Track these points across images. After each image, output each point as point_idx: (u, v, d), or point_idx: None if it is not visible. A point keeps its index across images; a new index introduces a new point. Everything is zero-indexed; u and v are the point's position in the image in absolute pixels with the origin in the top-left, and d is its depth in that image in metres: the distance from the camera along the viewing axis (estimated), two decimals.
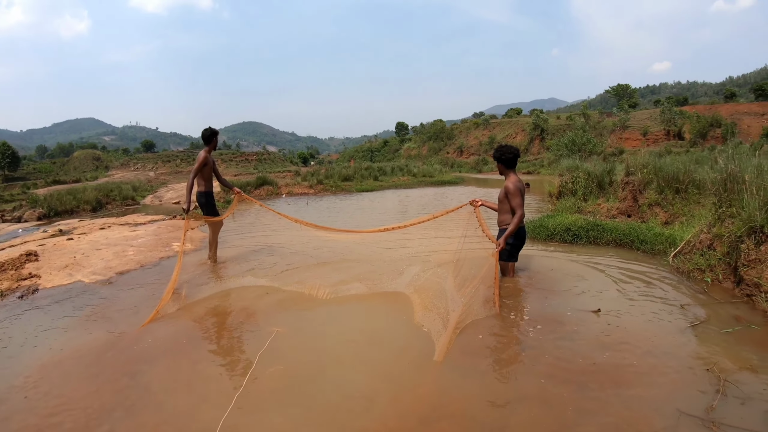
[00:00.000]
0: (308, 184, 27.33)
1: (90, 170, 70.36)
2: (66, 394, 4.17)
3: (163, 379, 4.44)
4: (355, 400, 3.96)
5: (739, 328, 4.88)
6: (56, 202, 20.17)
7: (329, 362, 4.69)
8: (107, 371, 4.56)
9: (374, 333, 5.45)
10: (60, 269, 8.48)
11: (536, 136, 72.82)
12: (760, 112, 62.70)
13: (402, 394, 4.02)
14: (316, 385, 4.21)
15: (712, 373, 3.98)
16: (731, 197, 6.61)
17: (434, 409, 3.78)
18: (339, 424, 3.65)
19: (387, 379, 4.30)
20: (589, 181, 13.73)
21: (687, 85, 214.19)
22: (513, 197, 6.47)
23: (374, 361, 4.72)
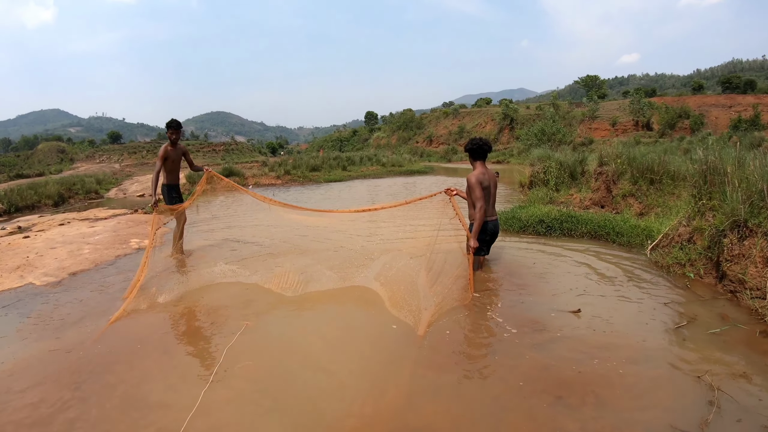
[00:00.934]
0: (275, 174, 26.85)
1: (54, 163, 68.85)
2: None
3: (126, 378, 4.26)
4: (324, 390, 3.96)
5: (726, 328, 4.61)
6: (17, 198, 19.34)
7: (297, 355, 4.64)
8: (49, 382, 4.22)
9: (344, 328, 5.32)
10: (11, 271, 8.02)
11: (506, 125, 72.92)
12: (728, 104, 63.52)
13: (367, 400, 3.81)
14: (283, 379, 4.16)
15: (703, 381, 3.67)
16: (711, 190, 6.36)
17: (400, 418, 3.52)
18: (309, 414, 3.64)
19: (356, 376, 4.19)
20: (561, 170, 13.54)
21: (655, 77, 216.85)
22: (471, 191, 6.35)
23: (343, 358, 4.56)
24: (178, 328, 5.54)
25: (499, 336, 4.76)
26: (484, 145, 6.68)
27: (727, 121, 57.05)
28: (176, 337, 5.27)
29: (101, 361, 4.59)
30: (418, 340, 4.76)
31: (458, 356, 4.44)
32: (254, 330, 5.20)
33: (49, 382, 4.23)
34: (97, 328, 5.39)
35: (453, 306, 5.59)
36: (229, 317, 5.58)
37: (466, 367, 4.23)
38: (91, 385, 4.12)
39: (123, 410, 3.77)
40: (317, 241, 9.16)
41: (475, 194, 6.27)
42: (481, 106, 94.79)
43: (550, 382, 3.80)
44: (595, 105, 69.08)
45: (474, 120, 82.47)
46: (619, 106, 69.36)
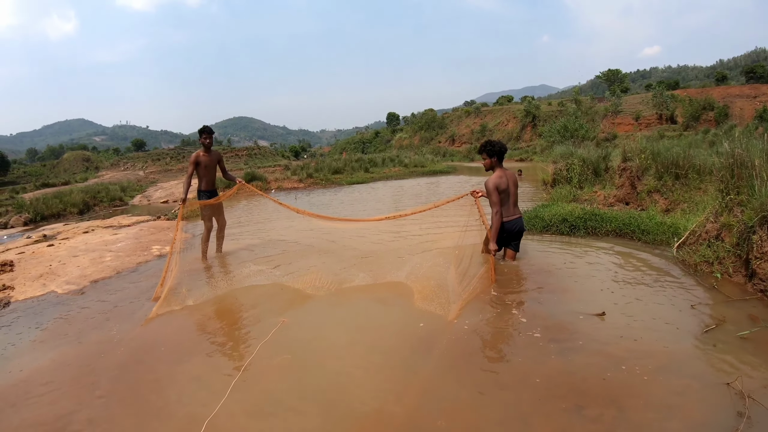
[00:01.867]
0: (298, 178, 26.94)
1: (80, 171, 69.71)
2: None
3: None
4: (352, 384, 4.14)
5: (757, 330, 4.43)
6: (42, 207, 19.69)
7: (331, 351, 4.80)
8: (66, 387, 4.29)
9: (376, 323, 5.56)
10: (35, 279, 8.14)
11: (528, 123, 72.41)
12: (752, 94, 62.42)
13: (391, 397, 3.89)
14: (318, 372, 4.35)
15: (733, 388, 3.52)
16: (739, 184, 6.17)
17: (416, 416, 3.54)
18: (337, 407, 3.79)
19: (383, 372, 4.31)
20: (585, 167, 13.40)
21: (678, 69, 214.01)
22: (489, 196, 6.70)
23: (372, 354, 4.71)
24: (213, 325, 5.74)
25: (522, 338, 4.68)
26: (502, 149, 6.92)
27: (752, 112, 56.01)
28: (211, 334, 5.43)
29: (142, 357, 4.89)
30: (449, 326, 5.08)
31: (480, 357, 4.41)
32: (290, 327, 5.36)
33: (79, 383, 4.34)
34: (121, 332, 5.50)
35: (476, 293, 5.90)
36: (265, 315, 5.77)
37: (486, 368, 4.18)
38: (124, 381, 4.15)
39: (160, 393, 4.15)
40: (345, 244, 9.23)
41: (492, 199, 6.62)
42: (502, 104, 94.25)
43: (572, 388, 3.69)
44: (618, 99, 68.38)
45: (496, 118, 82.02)
46: (642, 99, 68.55)
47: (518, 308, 5.48)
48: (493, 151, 6.88)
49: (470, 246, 7.22)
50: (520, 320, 5.12)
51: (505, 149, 6.96)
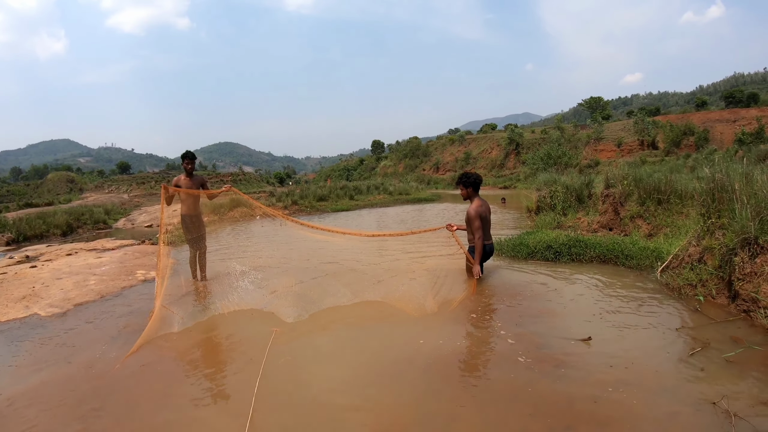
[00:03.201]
0: (283, 204, 26.90)
1: (64, 192, 69.21)
2: None
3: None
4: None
5: (741, 351, 4.46)
6: (25, 227, 19.43)
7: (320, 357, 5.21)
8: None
9: (358, 333, 5.96)
10: (17, 301, 8.02)
11: (512, 150, 72.95)
12: (732, 118, 63.32)
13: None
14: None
15: (719, 408, 3.54)
16: (720, 207, 6.28)
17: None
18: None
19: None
20: (568, 194, 13.50)
21: (658, 95, 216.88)
22: (471, 222, 7.41)
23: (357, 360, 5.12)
24: (211, 344, 6.00)
25: (508, 363, 4.67)
26: (477, 179, 7.77)
27: (732, 136, 56.74)
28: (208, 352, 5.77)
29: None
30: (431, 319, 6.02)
31: (466, 380, 4.42)
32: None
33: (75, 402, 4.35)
34: (106, 355, 5.46)
35: (457, 299, 6.75)
36: (257, 331, 6.03)
37: (473, 392, 4.16)
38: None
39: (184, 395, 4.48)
40: (329, 263, 9.52)
41: (475, 225, 7.32)
42: (486, 132, 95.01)
43: (559, 414, 3.67)
44: (600, 126, 69.14)
45: (480, 146, 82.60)
46: (624, 126, 69.34)
47: (505, 331, 5.47)
48: (468, 182, 7.66)
49: (450, 270, 7.93)
50: (507, 342, 5.13)
51: (480, 180, 7.79)
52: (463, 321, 6.06)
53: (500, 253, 9.33)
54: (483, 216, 7.38)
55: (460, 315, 6.26)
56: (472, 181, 7.68)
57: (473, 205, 7.48)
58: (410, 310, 6.40)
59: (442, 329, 5.75)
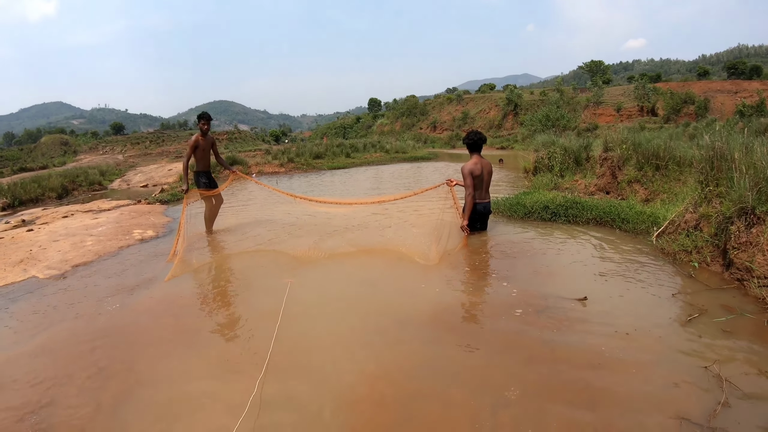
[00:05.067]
0: (279, 162, 26.83)
1: (58, 155, 68.93)
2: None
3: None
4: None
5: (733, 317, 4.50)
6: (20, 191, 19.43)
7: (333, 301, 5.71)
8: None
9: (367, 277, 6.49)
10: (15, 264, 8.05)
11: (510, 111, 72.58)
12: (733, 90, 63.00)
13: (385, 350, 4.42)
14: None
15: (710, 372, 3.58)
16: (718, 176, 6.26)
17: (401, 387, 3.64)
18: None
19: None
20: (566, 156, 13.48)
21: (660, 62, 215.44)
22: (464, 179, 7.79)
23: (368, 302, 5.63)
24: (228, 285, 6.58)
25: (505, 319, 4.75)
26: (479, 139, 8.04)
27: (733, 107, 56.48)
28: (230, 294, 6.28)
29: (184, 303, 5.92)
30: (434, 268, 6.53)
31: (466, 335, 4.51)
32: (297, 285, 6.09)
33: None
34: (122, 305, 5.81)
35: (453, 249, 7.33)
36: (275, 277, 6.56)
37: (471, 344, 4.28)
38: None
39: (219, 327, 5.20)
40: (332, 221, 9.88)
41: (466, 182, 7.73)
42: (485, 92, 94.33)
43: (556, 377, 3.70)
44: (600, 90, 68.71)
45: (478, 106, 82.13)
46: (624, 91, 68.96)
47: (503, 286, 5.60)
48: (465, 141, 8.20)
49: (446, 224, 8.09)
50: (505, 297, 5.22)
51: (478, 139, 8.06)
52: (459, 276, 6.27)
53: (497, 213, 9.39)
54: (475, 174, 7.74)
55: (456, 270, 6.52)
56: (470, 140, 8.06)
57: (468, 163, 7.87)
58: (416, 257, 7.02)
59: (441, 280, 6.11)
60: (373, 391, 3.69)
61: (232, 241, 8.86)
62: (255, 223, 10.16)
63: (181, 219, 8.28)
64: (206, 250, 8.50)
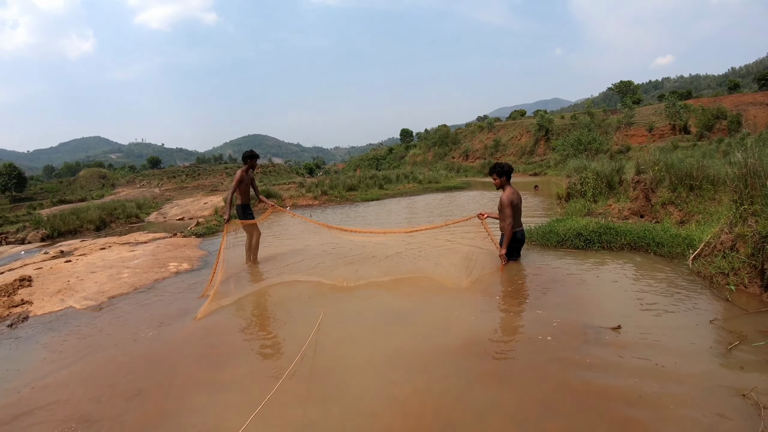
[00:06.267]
0: (312, 195, 27.01)
1: (96, 188, 70.44)
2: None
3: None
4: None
5: None
6: (59, 223, 19.96)
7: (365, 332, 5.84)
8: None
9: (398, 309, 6.52)
10: (53, 294, 8.28)
11: (541, 137, 72.25)
12: (765, 101, 61.72)
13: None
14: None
15: (749, 400, 3.52)
16: (753, 193, 6.18)
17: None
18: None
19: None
20: (598, 181, 13.37)
21: (689, 78, 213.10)
22: (503, 209, 7.83)
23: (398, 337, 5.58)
24: (266, 314, 6.93)
25: (538, 350, 4.72)
26: (510, 168, 8.17)
27: (766, 119, 55.48)
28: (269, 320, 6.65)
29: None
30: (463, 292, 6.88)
31: (499, 365, 4.48)
32: (330, 314, 6.29)
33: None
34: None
35: (485, 274, 7.58)
36: (309, 306, 6.79)
37: (506, 374, 4.23)
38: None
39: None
40: (365, 250, 10.05)
41: (506, 212, 7.75)
42: (515, 119, 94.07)
43: (592, 408, 3.67)
44: (631, 111, 68.04)
45: (509, 133, 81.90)
46: (655, 110, 68.20)
47: (532, 322, 5.53)
48: (502, 172, 8.07)
49: (481, 254, 8.54)
50: (534, 333, 5.15)
51: (511, 169, 8.17)
52: (493, 304, 6.36)
53: (530, 241, 9.32)
54: (514, 203, 7.81)
55: (490, 298, 6.63)
56: (506, 170, 8.07)
57: (506, 193, 7.88)
58: (447, 284, 7.27)
59: (475, 308, 6.21)
60: (407, 419, 3.74)
61: (270, 271, 9.07)
62: (291, 253, 10.37)
63: (221, 246, 8.51)
64: (244, 279, 8.72)
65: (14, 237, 19.71)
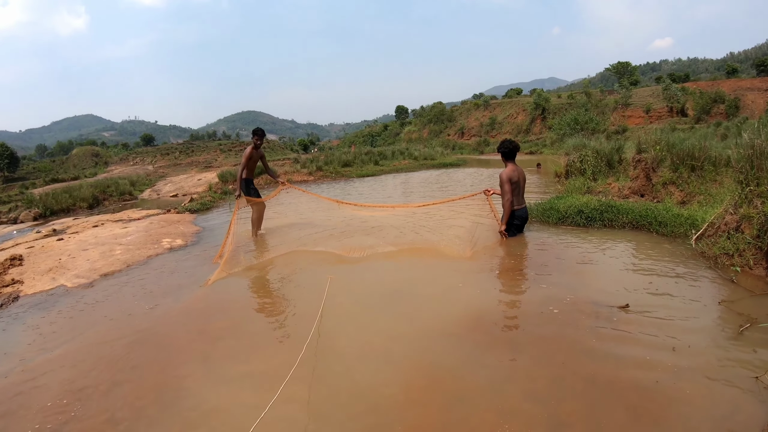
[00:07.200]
0: (307, 171, 26.88)
1: (89, 167, 70.16)
2: None
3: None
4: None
5: None
6: (52, 201, 19.85)
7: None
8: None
9: (402, 280, 6.69)
10: (44, 273, 8.17)
11: (537, 115, 72.25)
12: (764, 87, 61.82)
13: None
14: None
15: (762, 382, 3.44)
16: (759, 175, 6.09)
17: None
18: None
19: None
20: (598, 159, 13.29)
21: (688, 62, 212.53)
22: (501, 186, 7.99)
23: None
24: (275, 283, 7.10)
25: (546, 324, 4.69)
26: (514, 147, 8.28)
27: (764, 105, 55.53)
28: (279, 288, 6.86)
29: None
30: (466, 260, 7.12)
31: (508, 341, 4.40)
32: (338, 281, 6.38)
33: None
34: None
35: (487, 245, 7.86)
36: (316, 273, 7.02)
37: (516, 349, 4.14)
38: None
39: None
40: (368, 222, 10.22)
41: (504, 189, 7.90)
42: (512, 97, 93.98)
43: (604, 390, 3.58)
44: (628, 92, 68.00)
45: (505, 111, 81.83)
46: (653, 92, 68.17)
47: (538, 298, 5.44)
48: (502, 148, 8.30)
49: (481, 226, 8.62)
50: (542, 308, 5.06)
51: (513, 147, 8.27)
52: (496, 279, 6.46)
53: (530, 218, 9.17)
54: (513, 180, 7.90)
55: (493, 272, 6.79)
56: (506, 147, 8.23)
57: (506, 170, 8.01)
58: (452, 254, 7.50)
59: (478, 281, 6.30)
60: (411, 388, 3.77)
61: (276, 243, 9.30)
62: (296, 226, 10.50)
63: (232, 221, 8.69)
64: (252, 250, 8.85)
65: (6, 217, 19.66)
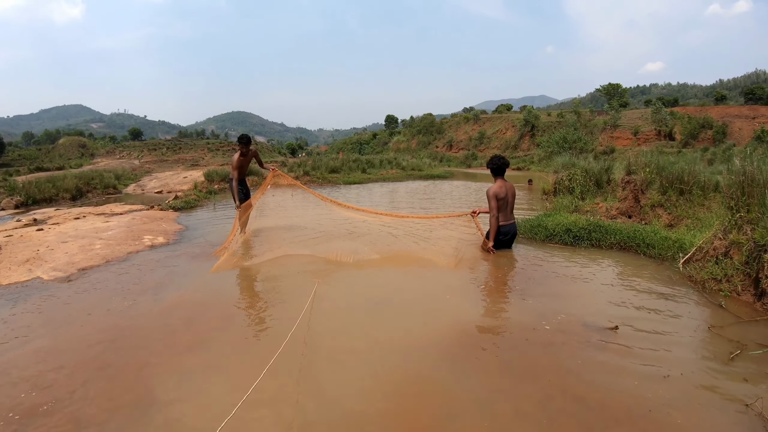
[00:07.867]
0: (294, 175, 26.71)
1: (75, 157, 69.38)
2: None
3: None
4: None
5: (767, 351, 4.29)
6: (35, 190, 19.37)
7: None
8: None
9: (389, 289, 6.58)
10: (20, 264, 7.91)
11: (526, 132, 72.58)
12: (751, 115, 62.46)
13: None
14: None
15: (752, 410, 3.38)
16: (750, 201, 6.08)
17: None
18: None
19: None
20: (587, 178, 13.31)
21: (677, 86, 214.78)
22: (488, 202, 8.11)
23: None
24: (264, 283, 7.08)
25: (533, 342, 4.58)
26: (503, 164, 8.35)
27: (751, 133, 56.11)
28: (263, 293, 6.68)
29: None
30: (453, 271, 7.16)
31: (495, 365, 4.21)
32: (325, 284, 6.48)
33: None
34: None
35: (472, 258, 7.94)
36: (304, 277, 6.95)
37: (498, 381, 3.99)
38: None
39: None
40: (358, 228, 10.46)
41: (491, 205, 8.01)
42: (501, 112, 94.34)
43: (591, 416, 3.47)
44: (617, 113, 68.49)
45: (494, 126, 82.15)
46: (641, 115, 68.70)
47: (526, 315, 5.34)
48: (491, 164, 8.38)
49: (466, 242, 8.72)
50: (528, 327, 4.97)
51: (500, 163, 8.31)
52: (482, 294, 6.37)
53: (518, 234, 9.17)
54: (500, 197, 7.99)
55: (479, 286, 6.68)
56: (494, 164, 8.34)
57: (492, 186, 8.10)
58: (437, 261, 7.60)
59: (465, 294, 6.26)
60: (397, 399, 3.69)
61: (263, 244, 9.22)
62: (284, 228, 10.59)
63: (233, 228, 9.15)
64: (241, 251, 8.68)
65: None
